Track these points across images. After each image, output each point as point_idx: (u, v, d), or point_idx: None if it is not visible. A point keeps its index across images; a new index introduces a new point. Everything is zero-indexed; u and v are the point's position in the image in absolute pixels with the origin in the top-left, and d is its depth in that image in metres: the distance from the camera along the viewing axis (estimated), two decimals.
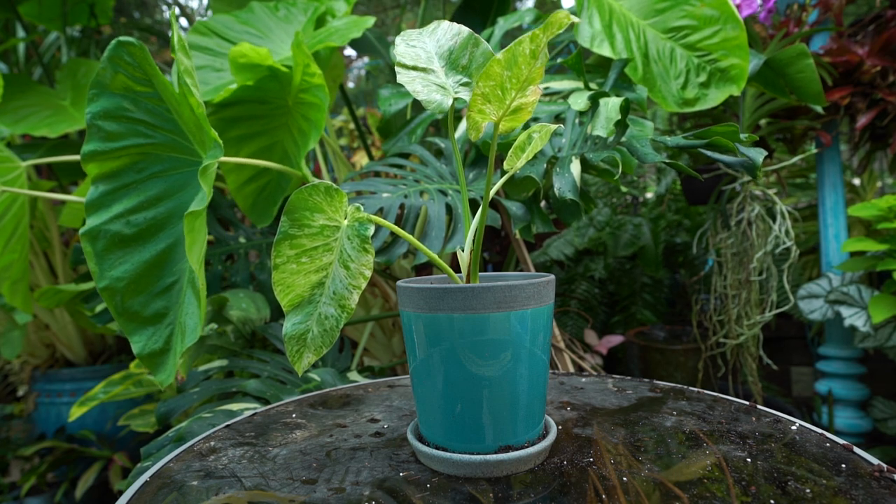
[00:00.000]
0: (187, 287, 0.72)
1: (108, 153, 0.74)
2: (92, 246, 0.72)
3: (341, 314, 0.43)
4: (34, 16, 1.91)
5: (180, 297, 0.73)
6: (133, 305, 0.73)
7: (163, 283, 0.74)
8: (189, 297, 0.71)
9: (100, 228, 0.73)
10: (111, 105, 0.73)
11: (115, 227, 0.73)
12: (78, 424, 1.67)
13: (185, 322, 0.70)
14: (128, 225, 0.74)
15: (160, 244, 0.75)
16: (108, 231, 0.73)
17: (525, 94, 0.42)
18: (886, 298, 1.25)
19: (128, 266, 0.73)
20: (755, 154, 0.65)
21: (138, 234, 0.74)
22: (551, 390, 0.64)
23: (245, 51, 0.99)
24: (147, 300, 0.73)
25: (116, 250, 0.73)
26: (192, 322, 0.69)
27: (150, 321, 0.73)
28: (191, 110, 0.69)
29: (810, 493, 0.37)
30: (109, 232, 0.73)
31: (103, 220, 0.73)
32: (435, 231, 0.85)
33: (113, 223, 0.73)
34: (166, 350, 0.72)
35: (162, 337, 0.73)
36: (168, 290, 0.74)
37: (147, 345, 0.72)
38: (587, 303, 2.14)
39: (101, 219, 0.73)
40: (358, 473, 0.43)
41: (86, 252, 0.72)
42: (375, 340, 1.39)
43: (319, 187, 0.42)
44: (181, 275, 0.74)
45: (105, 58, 0.71)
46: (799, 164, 1.98)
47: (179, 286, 0.74)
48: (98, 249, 0.72)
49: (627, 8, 1.08)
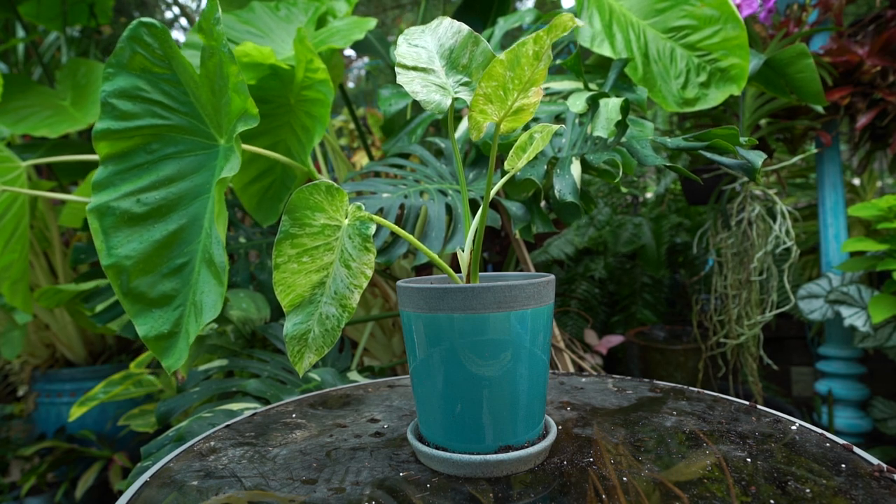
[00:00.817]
0: (201, 267, 0.70)
1: (121, 132, 0.73)
2: (99, 222, 0.71)
3: (342, 314, 0.43)
4: (34, 16, 1.91)
5: (192, 278, 0.71)
6: (140, 286, 0.71)
7: (173, 263, 0.72)
8: (205, 276, 0.69)
9: (108, 205, 0.71)
10: (127, 84, 0.73)
11: (125, 205, 0.72)
12: (78, 424, 1.67)
13: (202, 301, 0.68)
14: (138, 203, 0.72)
15: (171, 224, 0.73)
16: (118, 208, 0.71)
17: (527, 95, 0.42)
18: (886, 298, 1.25)
19: (136, 244, 0.71)
20: (754, 157, 0.65)
21: (149, 213, 0.73)
22: (551, 390, 0.64)
23: (248, 50, 0.99)
24: (155, 281, 0.71)
25: (125, 228, 0.71)
26: (209, 300, 0.68)
27: (158, 303, 0.71)
28: (212, 92, 0.69)
29: (810, 493, 0.37)
30: (119, 209, 0.71)
31: (112, 197, 0.72)
32: (435, 231, 0.85)
33: (123, 200, 0.72)
34: (175, 333, 0.71)
35: (170, 320, 0.71)
36: (178, 272, 0.72)
37: (154, 327, 0.70)
38: (587, 303, 2.14)
39: (109, 196, 0.72)
40: (358, 473, 0.43)
41: (92, 229, 0.70)
42: (375, 340, 1.39)
43: (320, 186, 0.42)
44: (193, 256, 0.72)
45: (124, 37, 0.71)
46: (799, 164, 1.98)
47: (191, 267, 0.72)
48: (105, 226, 0.71)
49: (627, 8, 1.08)
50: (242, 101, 0.68)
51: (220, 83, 0.70)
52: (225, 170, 0.68)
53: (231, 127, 0.70)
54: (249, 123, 0.68)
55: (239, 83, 0.67)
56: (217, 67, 0.69)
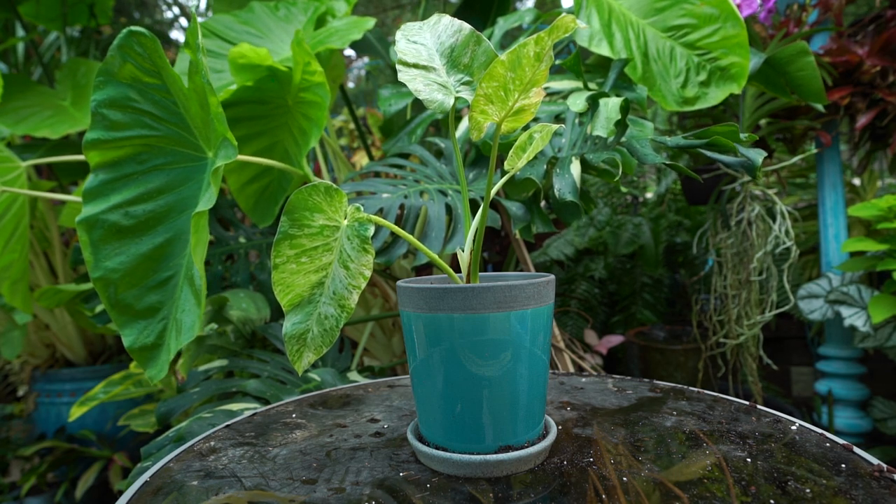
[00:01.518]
0: (184, 283, 0.71)
1: (111, 142, 0.73)
2: (88, 235, 0.71)
3: (341, 314, 0.43)
4: (33, 16, 1.91)
5: (175, 293, 0.72)
6: (126, 298, 0.72)
7: (158, 276, 0.73)
8: (186, 294, 0.70)
9: (97, 217, 0.72)
10: (117, 94, 0.73)
11: (114, 218, 0.72)
12: (78, 424, 1.67)
13: (182, 319, 0.69)
14: (126, 216, 0.73)
15: (158, 238, 0.74)
16: (106, 221, 0.72)
17: (528, 96, 0.42)
18: (886, 298, 1.25)
19: (123, 258, 0.72)
20: (754, 155, 0.65)
21: (136, 225, 0.73)
22: (551, 390, 0.64)
23: (244, 51, 0.99)
24: (141, 293, 0.72)
25: (113, 241, 0.72)
26: (188, 320, 0.69)
27: (143, 315, 0.72)
28: (200, 106, 0.69)
29: (810, 493, 0.37)
30: (107, 222, 0.72)
31: (101, 209, 0.72)
32: (435, 231, 0.85)
33: (111, 213, 0.72)
34: (158, 345, 0.72)
35: (154, 331, 0.72)
36: (163, 285, 0.73)
37: (138, 338, 0.71)
38: (587, 303, 2.14)
39: (98, 208, 0.72)
40: (358, 473, 0.43)
41: (81, 241, 0.71)
42: (375, 340, 1.39)
43: (319, 187, 0.42)
44: (178, 270, 0.73)
45: (115, 46, 0.71)
46: (799, 164, 1.98)
47: (175, 281, 0.73)
48: (94, 239, 0.71)
49: (626, 7, 1.08)
50: (223, 131, 0.68)
51: (205, 101, 0.71)
52: (201, 203, 0.68)
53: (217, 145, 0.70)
54: (230, 155, 0.67)
55: (219, 114, 0.67)
56: (201, 89, 0.69)
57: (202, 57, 0.67)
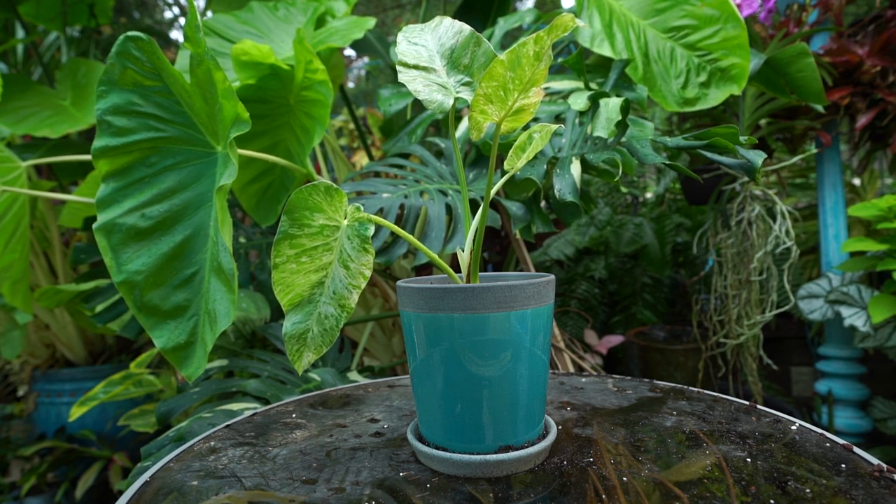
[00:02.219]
0: (210, 275, 0.71)
1: (119, 149, 0.74)
2: (107, 240, 0.71)
3: (341, 314, 0.43)
4: (33, 16, 1.91)
5: (203, 287, 0.72)
6: (153, 299, 0.72)
7: (183, 274, 0.73)
8: (215, 284, 0.70)
9: (114, 222, 0.72)
10: (121, 100, 0.73)
11: (131, 221, 0.72)
12: (78, 424, 1.67)
13: (215, 309, 0.69)
14: (143, 218, 0.73)
15: (178, 235, 0.74)
16: (124, 224, 0.72)
17: (528, 96, 0.42)
18: (886, 298, 1.25)
19: (145, 259, 0.72)
20: (754, 156, 0.65)
21: (154, 226, 0.73)
22: (551, 390, 0.64)
23: (247, 48, 0.99)
24: (167, 293, 0.72)
25: (133, 243, 0.72)
26: (222, 308, 0.68)
27: (172, 314, 0.72)
28: (204, 101, 0.69)
29: (810, 493, 0.37)
30: (125, 225, 0.72)
31: (117, 213, 0.72)
32: (435, 231, 0.85)
33: (128, 216, 0.72)
34: (191, 342, 0.71)
35: (186, 330, 0.72)
36: (189, 282, 0.73)
37: (171, 339, 0.71)
38: (587, 303, 2.14)
39: (114, 213, 0.72)
40: (358, 473, 0.43)
41: (101, 247, 0.71)
42: (375, 340, 1.39)
43: (319, 187, 0.42)
44: (201, 265, 0.73)
45: (113, 53, 0.71)
46: (799, 164, 1.98)
47: (200, 276, 0.73)
48: (113, 243, 0.71)
49: (627, 8, 1.08)
50: (233, 107, 0.68)
51: (210, 91, 0.71)
52: (223, 177, 0.69)
53: (226, 133, 0.71)
54: (242, 128, 0.68)
55: (227, 89, 0.67)
56: (206, 75, 0.69)
57: (202, 35, 0.67)
